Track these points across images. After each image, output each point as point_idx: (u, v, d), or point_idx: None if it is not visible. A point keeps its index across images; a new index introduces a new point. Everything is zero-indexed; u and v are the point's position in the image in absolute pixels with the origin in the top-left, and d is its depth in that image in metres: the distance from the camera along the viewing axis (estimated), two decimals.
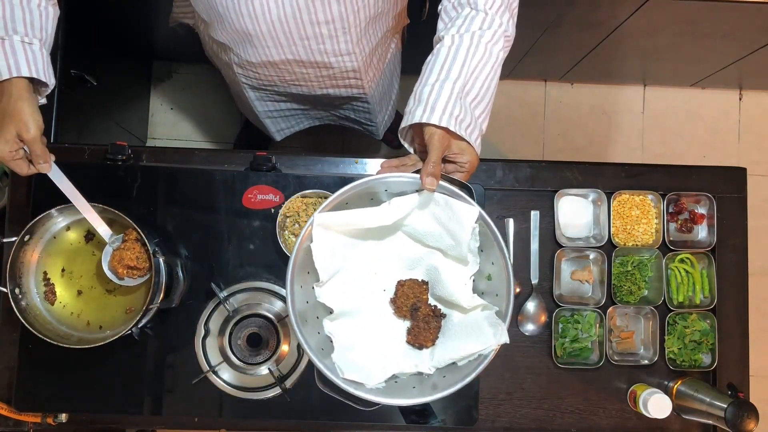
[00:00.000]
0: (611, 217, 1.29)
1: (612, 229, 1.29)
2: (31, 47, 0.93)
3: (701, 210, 1.33)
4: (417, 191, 0.88)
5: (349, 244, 0.93)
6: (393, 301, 0.95)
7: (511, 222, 1.29)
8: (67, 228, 1.19)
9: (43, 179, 1.01)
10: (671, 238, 1.31)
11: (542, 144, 2.43)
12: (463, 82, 0.91)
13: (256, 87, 1.32)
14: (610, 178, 1.32)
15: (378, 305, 0.96)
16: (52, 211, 1.12)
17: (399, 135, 0.99)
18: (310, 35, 1.08)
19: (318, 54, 1.13)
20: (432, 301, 0.95)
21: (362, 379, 0.87)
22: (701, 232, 1.33)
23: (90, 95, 1.74)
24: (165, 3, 1.39)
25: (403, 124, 0.94)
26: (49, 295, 1.17)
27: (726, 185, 1.34)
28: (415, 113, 0.90)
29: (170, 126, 2.34)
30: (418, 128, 0.92)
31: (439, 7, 1.01)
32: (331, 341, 0.91)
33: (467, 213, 0.86)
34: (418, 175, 0.86)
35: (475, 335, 0.87)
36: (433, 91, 0.90)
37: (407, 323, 0.95)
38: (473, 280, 0.92)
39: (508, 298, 0.87)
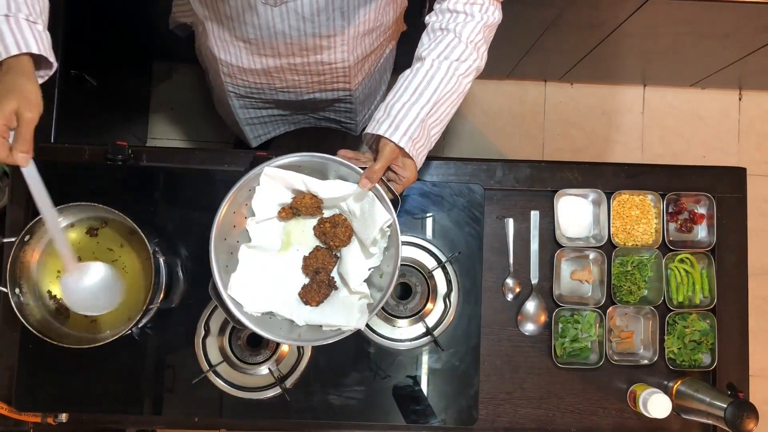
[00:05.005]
0: (611, 217, 1.29)
1: (612, 229, 1.29)
2: (36, 27, 0.90)
3: (701, 210, 1.33)
4: (357, 183, 1.01)
5: (289, 199, 1.06)
6: (305, 259, 1.08)
7: (511, 222, 1.29)
8: (69, 227, 1.18)
9: (44, 180, 0.99)
10: (671, 238, 1.31)
11: (542, 144, 2.43)
12: (429, 107, 1.01)
13: (243, 95, 1.32)
14: (610, 178, 1.32)
15: (292, 255, 1.08)
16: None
17: (363, 137, 1.07)
18: (310, 47, 1.10)
19: (314, 62, 1.14)
20: (334, 273, 1.08)
21: (244, 301, 1.01)
22: (701, 232, 1.33)
23: (90, 95, 1.74)
24: (165, 3, 1.39)
25: (370, 130, 1.02)
26: (62, 309, 1.17)
27: (726, 185, 1.34)
28: (381, 125, 1.00)
29: (170, 126, 2.33)
30: (378, 136, 1.01)
31: (427, 18, 1.05)
32: (238, 264, 1.05)
33: (382, 216, 0.99)
34: (362, 171, 0.99)
35: (346, 313, 1.01)
36: (402, 110, 1.00)
37: (306, 280, 1.08)
38: (371, 272, 1.05)
39: (381, 299, 0.99)
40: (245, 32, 1.07)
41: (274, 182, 1.03)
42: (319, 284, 1.06)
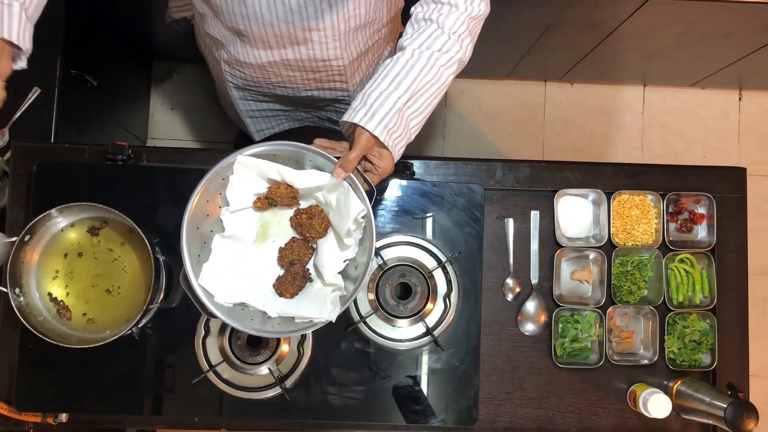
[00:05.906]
0: (611, 217, 1.29)
1: (612, 229, 1.29)
2: (10, 9, 0.90)
3: (701, 210, 1.33)
4: (331, 173, 1.00)
5: (264, 189, 1.05)
6: (280, 250, 1.07)
7: (511, 222, 1.29)
8: (69, 227, 1.19)
9: (44, 180, 1.00)
10: (671, 238, 1.31)
11: (542, 144, 2.43)
12: (407, 97, 1.00)
13: (241, 87, 1.32)
14: (610, 178, 1.32)
15: (267, 247, 1.07)
16: (52, 211, 1.12)
17: (340, 124, 1.05)
18: (300, 40, 1.09)
19: (306, 58, 1.14)
20: (310, 266, 1.07)
21: (215, 291, 1.00)
22: (701, 232, 1.33)
23: (90, 95, 1.74)
24: (164, 3, 1.40)
25: (345, 118, 1.01)
26: (63, 311, 1.17)
27: (726, 185, 1.34)
28: (357, 113, 0.99)
29: (170, 126, 2.34)
30: (354, 125, 1.00)
31: (412, 9, 1.05)
32: (211, 254, 1.03)
33: (356, 206, 0.97)
34: (337, 161, 0.97)
35: (319, 305, 1.00)
36: (379, 99, 0.99)
37: (281, 272, 1.07)
38: (346, 264, 1.03)
39: (354, 291, 0.98)
40: (235, 22, 1.07)
41: (248, 171, 1.02)
42: (293, 276, 1.05)
